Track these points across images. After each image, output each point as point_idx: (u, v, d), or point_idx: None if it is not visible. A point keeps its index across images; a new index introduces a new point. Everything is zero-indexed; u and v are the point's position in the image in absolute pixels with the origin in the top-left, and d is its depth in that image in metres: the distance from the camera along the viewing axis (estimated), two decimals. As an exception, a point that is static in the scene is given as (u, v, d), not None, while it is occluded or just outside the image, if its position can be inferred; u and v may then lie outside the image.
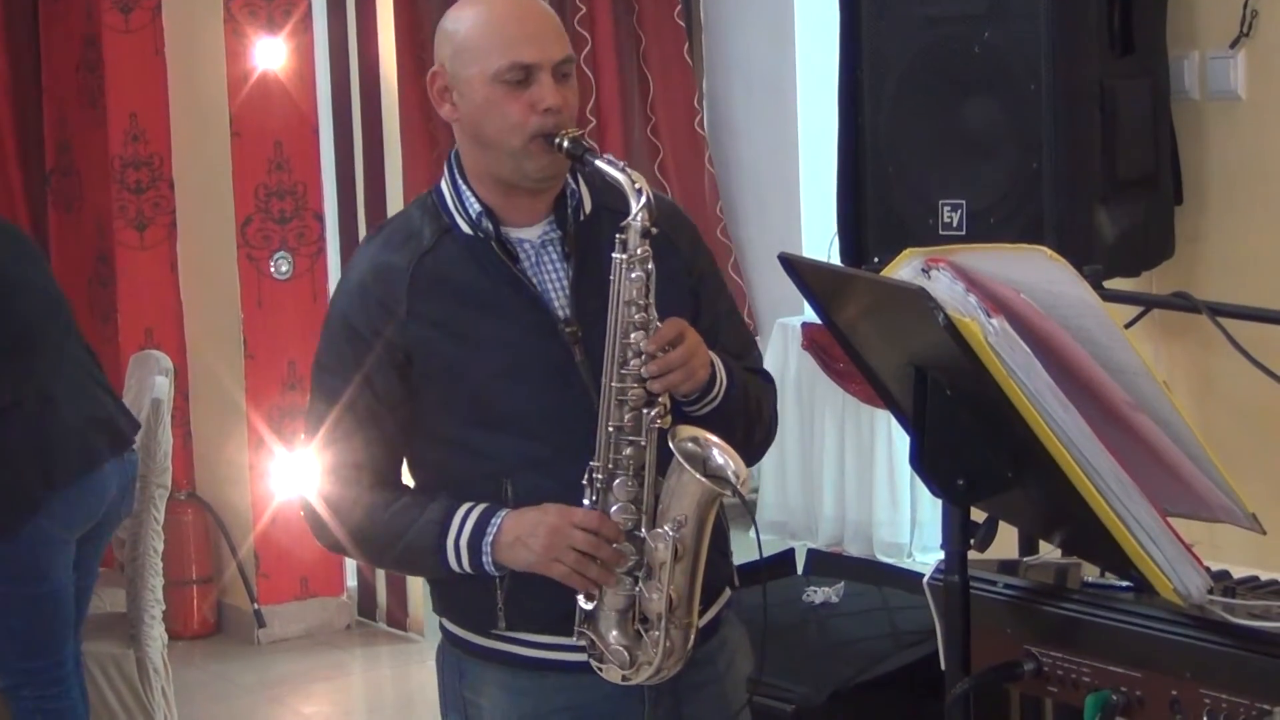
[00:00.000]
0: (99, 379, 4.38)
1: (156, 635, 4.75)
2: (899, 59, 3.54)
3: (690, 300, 2.58)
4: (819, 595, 3.70)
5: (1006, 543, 2.74)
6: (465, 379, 2.49)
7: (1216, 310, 2.70)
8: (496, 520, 2.47)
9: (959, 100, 3.45)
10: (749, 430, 2.58)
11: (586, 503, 2.44)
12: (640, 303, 2.42)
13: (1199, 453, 2.19)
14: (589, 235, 2.54)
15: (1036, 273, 2.14)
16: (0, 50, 6.53)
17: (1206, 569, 2.19)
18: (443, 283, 2.50)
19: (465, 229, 2.53)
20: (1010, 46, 3.36)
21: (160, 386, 4.65)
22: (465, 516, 2.48)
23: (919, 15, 3.50)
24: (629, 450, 2.42)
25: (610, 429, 2.42)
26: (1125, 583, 2.28)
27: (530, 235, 2.55)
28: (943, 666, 2.33)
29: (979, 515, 2.30)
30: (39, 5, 6.56)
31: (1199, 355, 3.65)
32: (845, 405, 6.92)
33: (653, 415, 2.42)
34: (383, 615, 6.46)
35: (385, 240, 2.57)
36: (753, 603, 2.55)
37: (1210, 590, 2.18)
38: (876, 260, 3.54)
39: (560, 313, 2.51)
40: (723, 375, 2.51)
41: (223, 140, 6.22)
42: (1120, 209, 3.44)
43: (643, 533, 2.44)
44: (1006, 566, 2.46)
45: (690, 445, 2.42)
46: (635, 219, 2.42)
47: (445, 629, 2.65)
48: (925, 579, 2.42)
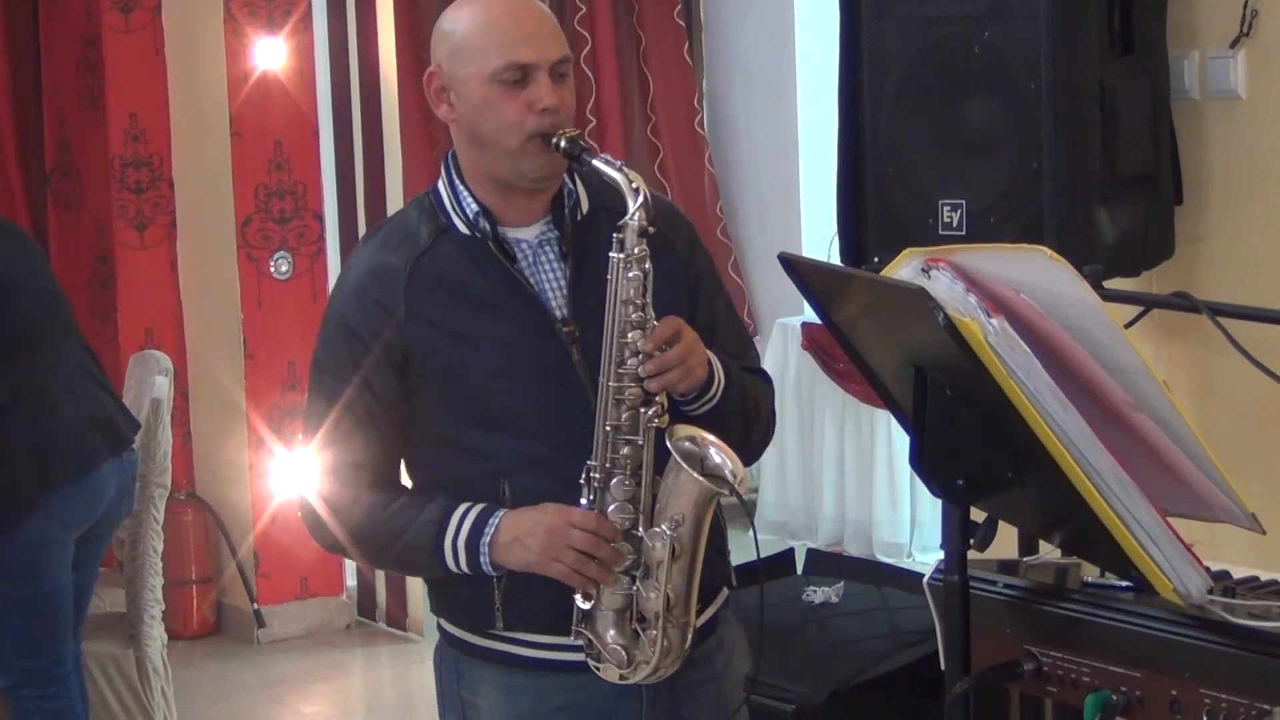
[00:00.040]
0: (99, 379, 4.37)
1: (156, 635, 4.75)
2: (899, 59, 3.53)
3: (687, 300, 2.57)
4: (819, 595, 3.70)
5: (1006, 543, 2.74)
6: (463, 379, 2.49)
7: (1216, 310, 2.71)
8: (494, 520, 2.46)
9: (959, 100, 3.45)
10: (747, 429, 2.58)
11: (584, 502, 2.44)
12: (637, 302, 2.41)
13: (1199, 453, 2.19)
14: (586, 235, 2.54)
15: (1036, 273, 2.14)
16: (0, 50, 6.53)
17: (1206, 569, 2.19)
18: (440, 283, 2.50)
19: (462, 229, 2.53)
20: (1010, 46, 3.36)
21: (160, 386, 4.65)
22: (463, 517, 2.47)
23: (919, 15, 3.50)
24: (626, 449, 2.42)
25: (608, 428, 2.42)
26: (1125, 583, 2.28)
27: (527, 235, 2.54)
28: (942, 666, 2.32)
29: (979, 515, 2.30)
30: (39, 5, 6.55)
31: (1199, 355, 3.65)
32: (845, 405, 6.91)
33: (650, 414, 2.41)
34: (382, 615, 6.45)
35: (382, 241, 2.57)
36: (752, 602, 2.55)
37: (1210, 590, 2.18)
38: (876, 260, 3.54)
39: (557, 312, 2.51)
40: (720, 374, 2.51)
41: (223, 140, 6.21)
42: (1120, 209, 3.43)
43: (640, 532, 2.43)
44: (1006, 566, 2.46)
45: (688, 444, 2.41)
46: (632, 218, 2.41)
47: (443, 629, 2.64)
48: (925, 579, 2.43)
